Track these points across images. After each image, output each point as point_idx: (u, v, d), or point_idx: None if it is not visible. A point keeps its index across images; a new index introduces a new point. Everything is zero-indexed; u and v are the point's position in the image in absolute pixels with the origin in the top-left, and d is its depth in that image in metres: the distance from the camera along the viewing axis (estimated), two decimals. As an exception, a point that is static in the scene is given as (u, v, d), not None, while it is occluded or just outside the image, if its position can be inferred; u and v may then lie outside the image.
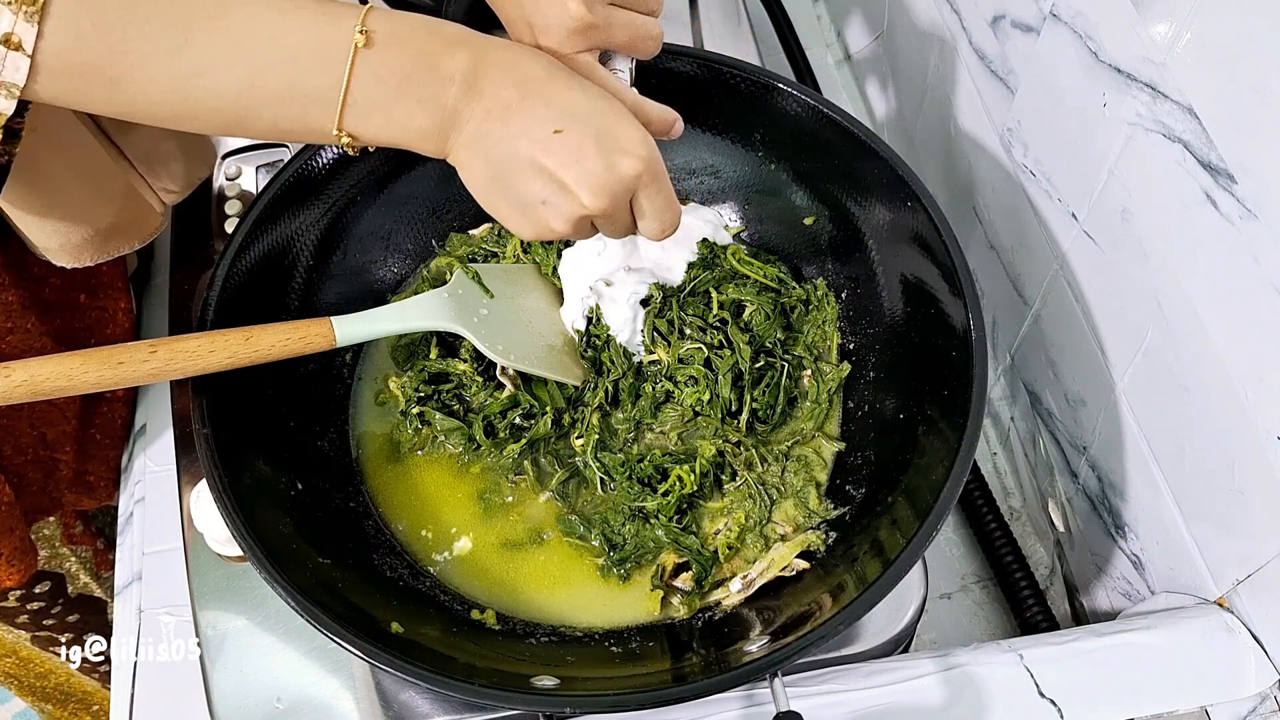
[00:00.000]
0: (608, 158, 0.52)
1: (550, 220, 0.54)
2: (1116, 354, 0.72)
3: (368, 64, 0.49)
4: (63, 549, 0.84)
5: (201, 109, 0.48)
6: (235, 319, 0.62)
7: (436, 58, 0.50)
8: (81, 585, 0.87)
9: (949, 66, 0.89)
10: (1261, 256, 0.54)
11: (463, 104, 0.51)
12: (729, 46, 0.92)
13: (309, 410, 0.70)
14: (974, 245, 0.91)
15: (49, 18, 0.43)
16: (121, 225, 0.65)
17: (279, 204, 0.69)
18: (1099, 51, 0.64)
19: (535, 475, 0.70)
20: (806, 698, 0.60)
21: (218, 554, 0.67)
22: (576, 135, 0.51)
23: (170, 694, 0.67)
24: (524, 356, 0.69)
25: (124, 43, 0.44)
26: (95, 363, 0.54)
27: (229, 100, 0.48)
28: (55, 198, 0.59)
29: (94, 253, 0.64)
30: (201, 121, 0.49)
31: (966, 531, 0.92)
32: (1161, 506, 0.69)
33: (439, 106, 0.51)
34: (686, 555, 0.66)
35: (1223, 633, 0.64)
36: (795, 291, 0.76)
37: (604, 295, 0.72)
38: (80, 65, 0.45)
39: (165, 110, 0.48)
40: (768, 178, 0.77)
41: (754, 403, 0.70)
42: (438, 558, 0.67)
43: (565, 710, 0.54)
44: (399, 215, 0.77)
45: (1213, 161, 0.56)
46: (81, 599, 0.87)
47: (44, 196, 0.58)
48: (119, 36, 0.44)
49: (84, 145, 0.60)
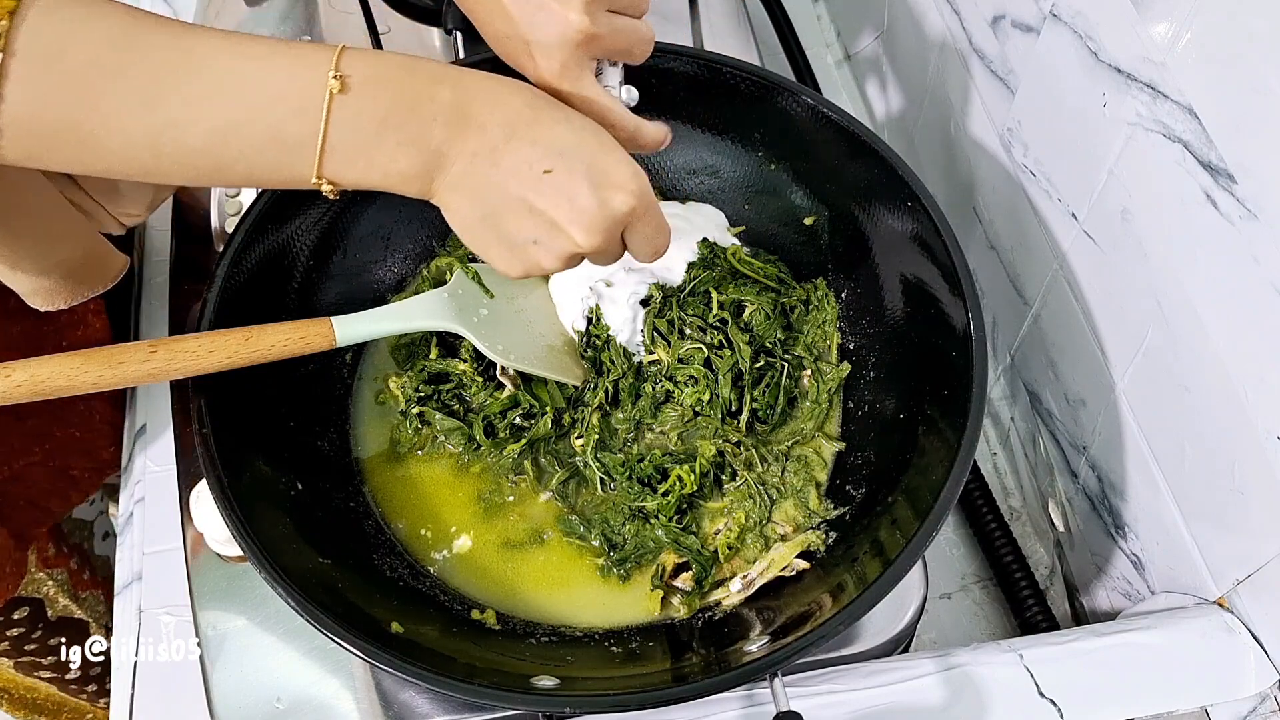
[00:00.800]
0: (599, 194, 0.52)
1: (541, 259, 0.53)
2: (1116, 354, 0.72)
3: (345, 109, 0.48)
4: (38, 574, 0.84)
5: (174, 163, 0.47)
6: (235, 319, 0.62)
7: (417, 98, 0.50)
8: (61, 608, 0.86)
9: (949, 66, 0.89)
10: (1261, 256, 0.54)
11: (447, 145, 0.50)
12: (729, 46, 0.92)
13: (309, 410, 0.70)
14: (974, 245, 0.91)
15: (7, 80, 0.41)
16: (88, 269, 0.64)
17: (279, 204, 0.68)
18: (1099, 51, 0.64)
19: (535, 475, 0.70)
20: (806, 698, 0.60)
21: (218, 554, 0.67)
22: (566, 174, 0.51)
23: (170, 694, 0.67)
24: (524, 356, 0.69)
25: (91, 102, 0.44)
26: (95, 363, 0.53)
27: (203, 153, 0.47)
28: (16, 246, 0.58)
29: (67, 296, 0.63)
30: (176, 175, 0.48)
31: (966, 531, 0.92)
32: (1161, 506, 0.69)
33: (422, 149, 0.50)
34: (686, 555, 0.66)
35: (1223, 633, 0.64)
36: (795, 291, 0.76)
37: (604, 295, 0.72)
38: (45, 126, 0.44)
39: (136, 166, 0.47)
40: (768, 178, 0.77)
41: (754, 403, 0.70)
42: (437, 556, 0.67)
43: (565, 710, 0.54)
44: (399, 215, 0.77)
45: (1213, 161, 0.56)
46: (63, 621, 0.87)
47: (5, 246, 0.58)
48: (86, 96, 0.43)
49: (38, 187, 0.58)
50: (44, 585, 0.85)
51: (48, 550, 0.84)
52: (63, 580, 0.86)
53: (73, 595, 0.87)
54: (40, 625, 0.85)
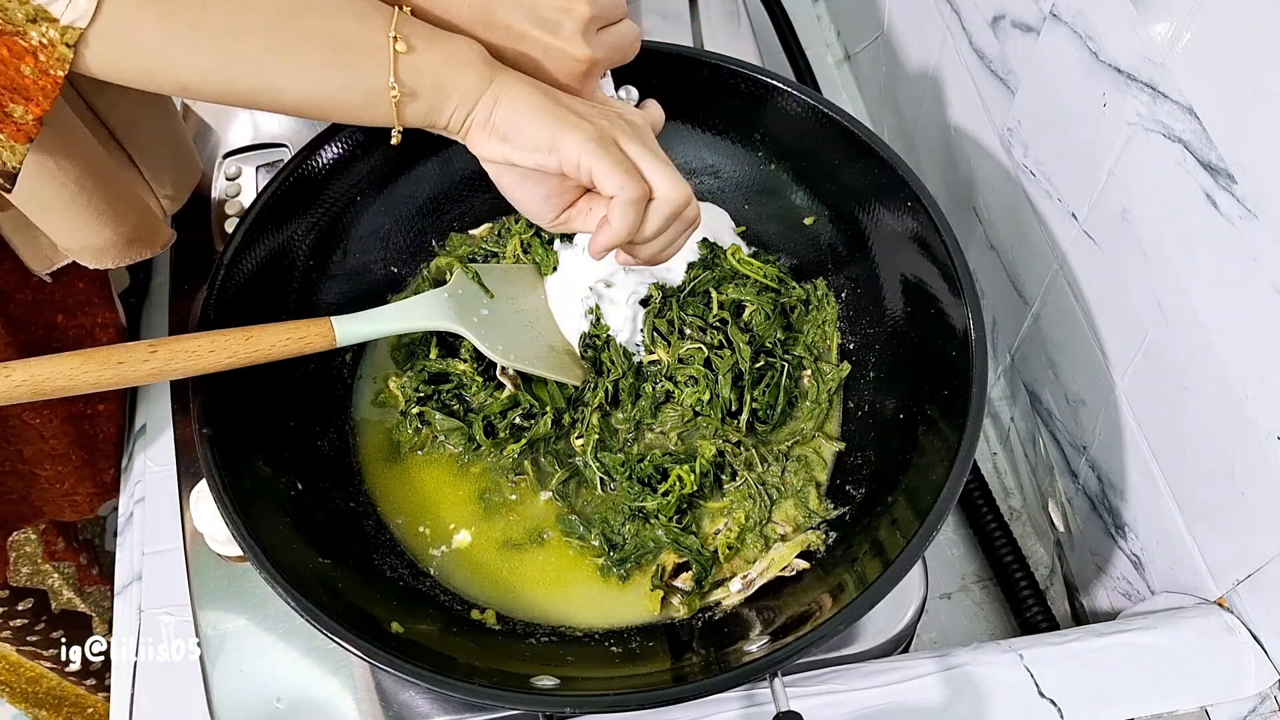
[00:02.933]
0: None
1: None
2: (1116, 354, 0.72)
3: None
4: (44, 565, 0.84)
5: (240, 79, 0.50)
6: (235, 319, 0.62)
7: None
8: (65, 601, 0.87)
9: (949, 67, 0.89)
10: (1261, 256, 0.54)
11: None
12: (729, 46, 0.92)
13: (309, 410, 0.70)
14: (974, 245, 0.91)
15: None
16: (140, 232, 0.65)
17: (279, 204, 0.69)
18: (1099, 51, 0.64)
19: (535, 475, 0.70)
20: (806, 698, 0.60)
21: (218, 554, 0.67)
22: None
23: (170, 694, 0.67)
24: (524, 356, 0.69)
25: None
26: (95, 363, 0.54)
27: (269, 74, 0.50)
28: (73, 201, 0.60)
29: (116, 256, 0.65)
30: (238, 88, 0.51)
31: (966, 531, 0.92)
32: (1161, 506, 0.69)
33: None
34: (686, 555, 0.66)
35: (1223, 633, 0.64)
36: (795, 291, 0.76)
37: (604, 295, 0.72)
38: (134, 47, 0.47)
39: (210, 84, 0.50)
40: (768, 178, 0.77)
41: (754, 403, 0.70)
42: (435, 552, 0.67)
43: (565, 710, 0.54)
44: (399, 215, 0.77)
45: (1213, 161, 0.56)
46: (65, 615, 0.87)
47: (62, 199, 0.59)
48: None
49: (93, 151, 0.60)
50: (49, 577, 0.85)
51: (56, 544, 0.85)
52: (69, 574, 0.86)
53: (78, 589, 0.87)
54: (44, 618, 0.86)
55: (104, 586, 0.91)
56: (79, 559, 0.87)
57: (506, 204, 0.59)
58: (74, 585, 0.87)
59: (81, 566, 0.88)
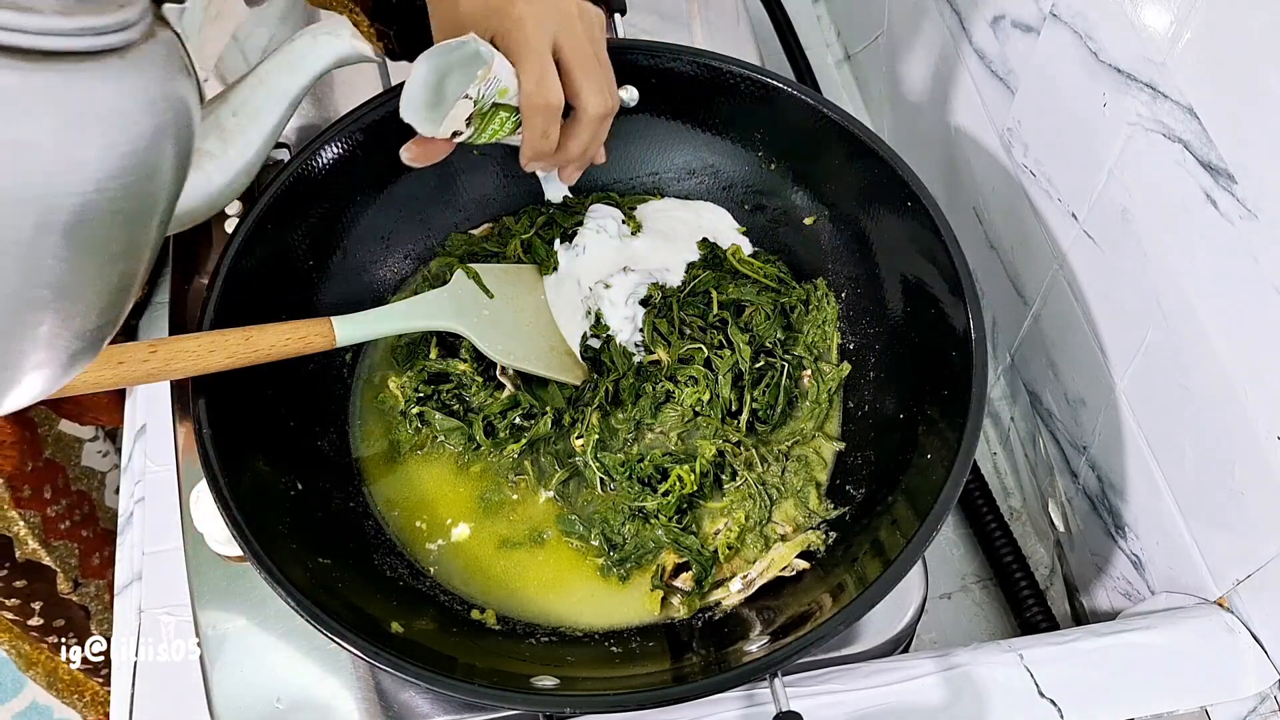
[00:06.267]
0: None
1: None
2: (1116, 354, 0.72)
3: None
4: (10, 512, 0.82)
5: None
6: (235, 319, 0.62)
7: None
8: (30, 551, 0.85)
9: (949, 66, 0.89)
10: (1261, 256, 0.54)
11: None
12: (729, 46, 0.91)
13: (309, 410, 0.70)
14: (974, 245, 0.91)
15: None
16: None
17: (279, 204, 0.68)
18: (1099, 51, 0.64)
19: (535, 475, 0.70)
20: (806, 698, 0.60)
21: (218, 554, 0.67)
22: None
23: (170, 694, 0.67)
24: (524, 356, 0.69)
25: None
26: (95, 363, 0.53)
27: None
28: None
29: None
30: None
31: (966, 531, 0.92)
32: (1161, 506, 0.69)
33: None
34: (686, 555, 0.66)
35: (1223, 633, 0.64)
36: (795, 291, 0.76)
37: (604, 295, 0.72)
38: None
39: None
40: (768, 178, 0.77)
41: (754, 403, 0.70)
42: (431, 546, 0.67)
43: (565, 710, 0.54)
44: (399, 215, 0.77)
45: (1213, 161, 0.56)
46: (29, 565, 0.85)
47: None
48: None
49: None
50: (15, 525, 0.82)
51: (23, 491, 0.83)
52: (35, 523, 0.85)
53: (42, 540, 0.86)
54: (7, 564, 0.84)
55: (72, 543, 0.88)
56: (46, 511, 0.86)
57: (507, 204, 0.59)
58: (39, 536, 0.85)
59: (48, 519, 0.86)
